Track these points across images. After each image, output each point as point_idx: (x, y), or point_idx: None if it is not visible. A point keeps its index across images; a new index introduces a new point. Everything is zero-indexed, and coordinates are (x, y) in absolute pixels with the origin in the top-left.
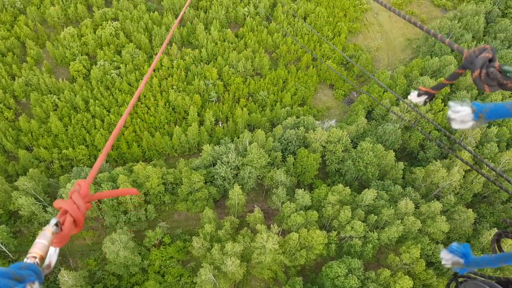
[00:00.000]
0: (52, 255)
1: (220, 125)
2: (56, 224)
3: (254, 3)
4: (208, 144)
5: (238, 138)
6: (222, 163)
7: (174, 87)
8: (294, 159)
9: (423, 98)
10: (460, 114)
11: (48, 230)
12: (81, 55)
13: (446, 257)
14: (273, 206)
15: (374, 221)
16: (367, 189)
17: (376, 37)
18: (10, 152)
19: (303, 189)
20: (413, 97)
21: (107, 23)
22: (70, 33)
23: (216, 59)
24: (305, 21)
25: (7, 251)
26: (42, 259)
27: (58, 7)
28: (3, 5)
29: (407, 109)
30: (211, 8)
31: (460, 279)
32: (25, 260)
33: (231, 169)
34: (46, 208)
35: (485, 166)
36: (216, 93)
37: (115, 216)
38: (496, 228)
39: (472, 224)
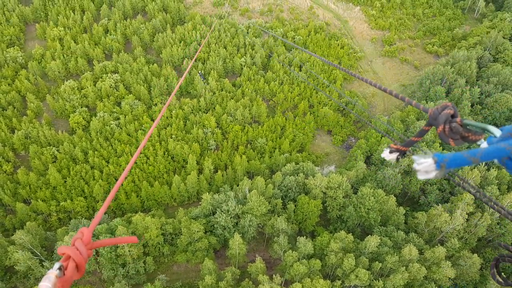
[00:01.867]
0: None
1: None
2: (60, 268)
3: (251, 54)
4: (207, 193)
5: (238, 185)
6: (222, 211)
7: (173, 136)
8: (295, 206)
9: (395, 155)
10: (424, 165)
11: (52, 273)
12: (81, 107)
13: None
14: (275, 255)
15: (379, 269)
16: (370, 235)
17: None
18: (7, 206)
19: (304, 236)
20: (386, 154)
21: (107, 76)
22: (70, 86)
23: (214, 108)
24: (300, 70)
25: None
26: None
27: (59, 62)
28: (5, 60)
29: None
30: (208, 59)
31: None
32: None
33: (231, 217)
34: (43, 263)
35: (488, 209)
36: (214, 141)
37: (113, 270)
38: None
39: (478, 270)
